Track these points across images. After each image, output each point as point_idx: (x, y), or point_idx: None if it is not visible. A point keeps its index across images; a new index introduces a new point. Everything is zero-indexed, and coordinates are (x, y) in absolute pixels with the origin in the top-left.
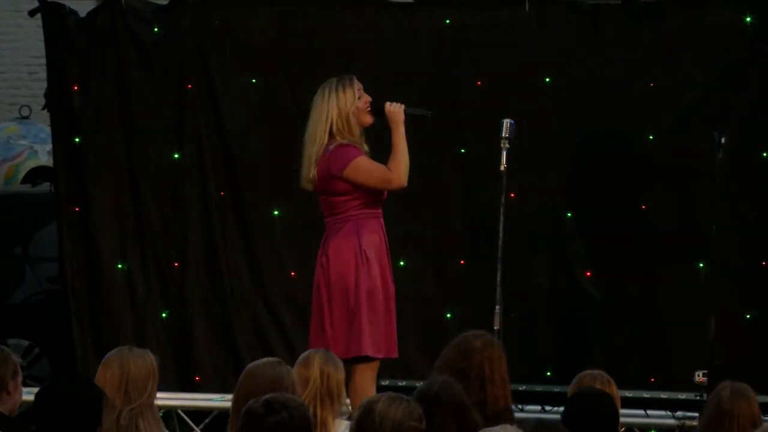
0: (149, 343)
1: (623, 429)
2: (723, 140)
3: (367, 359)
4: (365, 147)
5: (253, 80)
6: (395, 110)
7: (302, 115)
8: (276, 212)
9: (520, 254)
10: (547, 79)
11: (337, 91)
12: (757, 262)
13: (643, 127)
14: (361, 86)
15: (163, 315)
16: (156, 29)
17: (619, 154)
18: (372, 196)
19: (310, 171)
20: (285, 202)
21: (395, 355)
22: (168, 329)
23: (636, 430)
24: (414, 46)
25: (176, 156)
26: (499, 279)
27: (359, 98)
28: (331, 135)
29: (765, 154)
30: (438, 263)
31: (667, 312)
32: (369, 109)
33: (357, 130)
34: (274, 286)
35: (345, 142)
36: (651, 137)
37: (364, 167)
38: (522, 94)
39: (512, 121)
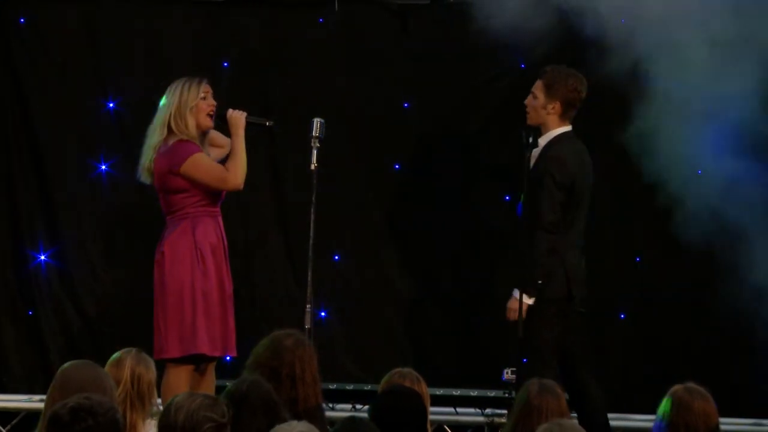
0: None
1: (433, 427)
2: (531, 139)
3: (197, 358)
4: (207, 150)
5: (62, 78)
6: (237, 116)
7: (112, 112)
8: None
9: (331, 253)
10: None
11: (182, 87)
12: None
13: (453, 126)
14: (209, 89)
15: None
16: None
17: (429, 152)
18: (210, 194)
19: (147, 159)
20: (95, 200)
21: (234, 353)
22: None
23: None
24: (223, 45)
25: None
26: (309, 278)
27: (203, 99)
28: (169, 130)
29: None
30: (247, 262)
31: (476, 310)
32: (211, 113)
33: (194, 130)
34: (83, 286)
35: (185, 138)
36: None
37: (202, 164)
38: (332, 94)
39: (322, 120)
